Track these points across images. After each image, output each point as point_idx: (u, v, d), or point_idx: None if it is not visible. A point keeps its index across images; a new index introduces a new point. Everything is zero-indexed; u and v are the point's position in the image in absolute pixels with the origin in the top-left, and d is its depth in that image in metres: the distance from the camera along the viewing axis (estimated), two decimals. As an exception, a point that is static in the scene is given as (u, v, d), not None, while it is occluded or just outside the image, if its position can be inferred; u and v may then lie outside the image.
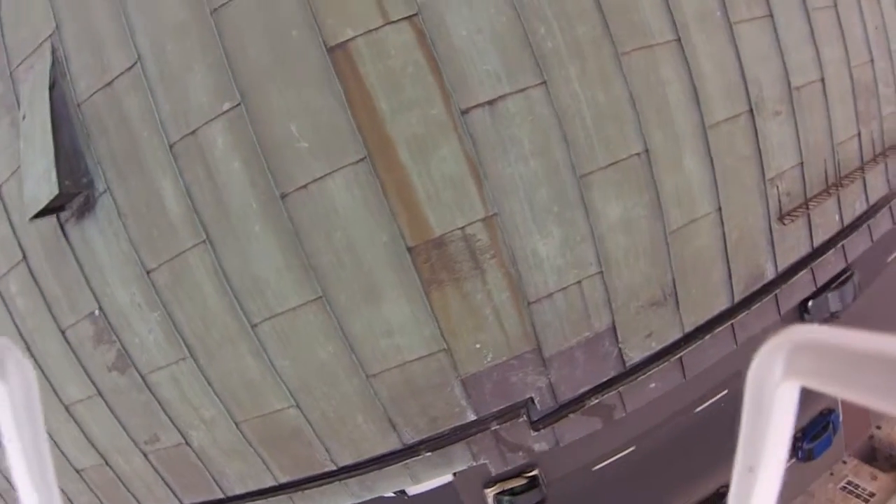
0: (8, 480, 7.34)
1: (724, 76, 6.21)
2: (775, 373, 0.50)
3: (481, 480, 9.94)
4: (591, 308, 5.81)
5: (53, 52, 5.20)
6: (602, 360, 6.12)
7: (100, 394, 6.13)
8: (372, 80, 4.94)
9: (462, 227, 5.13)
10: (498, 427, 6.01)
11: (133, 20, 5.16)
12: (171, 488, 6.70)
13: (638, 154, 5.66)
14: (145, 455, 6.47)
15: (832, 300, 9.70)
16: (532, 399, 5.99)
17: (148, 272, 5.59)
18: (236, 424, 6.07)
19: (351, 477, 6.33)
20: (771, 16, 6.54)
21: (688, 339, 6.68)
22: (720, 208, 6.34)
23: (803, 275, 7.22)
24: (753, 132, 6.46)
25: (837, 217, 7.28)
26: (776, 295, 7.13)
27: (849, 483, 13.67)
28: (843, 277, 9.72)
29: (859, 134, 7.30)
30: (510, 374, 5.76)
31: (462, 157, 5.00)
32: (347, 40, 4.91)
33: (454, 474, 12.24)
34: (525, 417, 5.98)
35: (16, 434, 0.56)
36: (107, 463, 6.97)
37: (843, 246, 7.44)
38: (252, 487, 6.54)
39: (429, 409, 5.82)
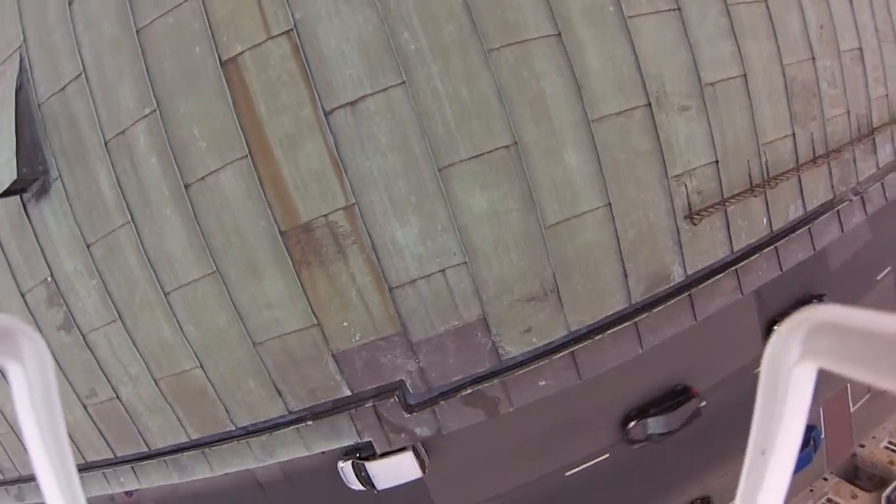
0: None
1: (615, 70, 7.19)
2: (792, 353, 0.54)
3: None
4: (458, 298, 7.12)
5: (21, 60, 7.64)
6: (475, 351, 7.37)
7: (50, 351, 8.54)
8: (255, 89, 6.73)
9: (326, 215, 6.74)
10: (374, 405, 7.52)
11: (80, 37, 7.41)
12: (106, 440, 9.00)
13: (506, 147, 6.88)
14: (86, 408, 8.81)
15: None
16: (404, 382, 7.42)
17: (88, 246, 7.85)
18: (155, 381, 8.16)
19: (252, 437, 8.17)
20: (678, 9, 7.40)
21: (580, 338, 7.70)
22: (610, 204, 7.31)
23: (724, 279, 7.86)
24: (652, 127, 7.36)
25: (765, 220, 7.81)
26: (690, 297, 7.86)
27: (829, 501, 14.72)
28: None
29: (794, 134, 7.77)
30: (379, 354, 7.24)
31: (325, 153, 6.62)
32: (237, 55, 6.76)
33: (424, 470, 13.75)
34: (397, 399, 7.42)
35: (32, 415, 0.64)
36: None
37: (776, 251, 7.94)
38: (171, 442, 8.63)
39: (307, 381, 7.48)
